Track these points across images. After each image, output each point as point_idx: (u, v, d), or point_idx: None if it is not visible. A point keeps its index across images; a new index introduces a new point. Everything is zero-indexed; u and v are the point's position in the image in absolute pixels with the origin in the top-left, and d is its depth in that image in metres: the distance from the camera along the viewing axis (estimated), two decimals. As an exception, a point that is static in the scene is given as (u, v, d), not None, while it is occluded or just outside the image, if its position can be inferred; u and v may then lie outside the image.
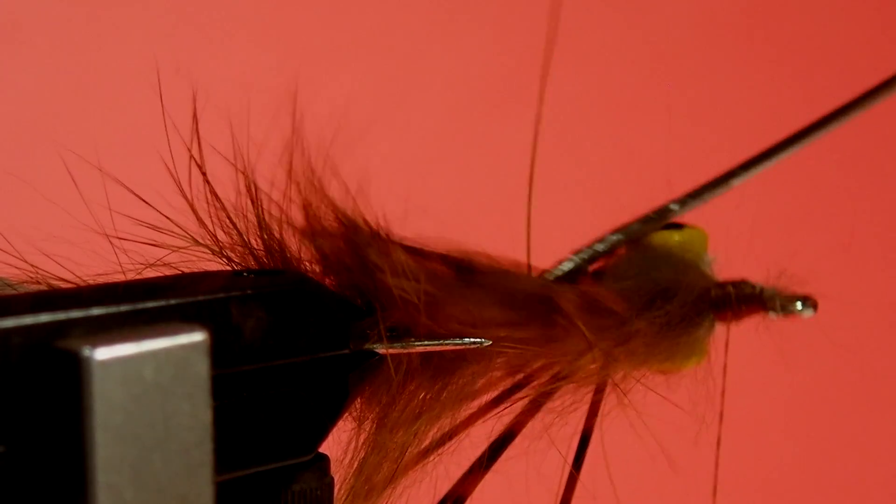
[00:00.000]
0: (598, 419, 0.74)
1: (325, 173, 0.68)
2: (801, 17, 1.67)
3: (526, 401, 0.74)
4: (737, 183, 0.77)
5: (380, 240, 0.67)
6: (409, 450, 0.70)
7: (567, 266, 0.76)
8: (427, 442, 0.72)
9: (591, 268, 0.77)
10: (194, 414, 0.55)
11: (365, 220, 0.68)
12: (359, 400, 0.68)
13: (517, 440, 0.74)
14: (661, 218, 0.77)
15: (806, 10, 1.67)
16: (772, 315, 0.78)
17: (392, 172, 0.73)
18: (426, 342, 0.67)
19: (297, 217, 0.67)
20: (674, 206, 0.77)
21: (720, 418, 0.76)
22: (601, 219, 0.79)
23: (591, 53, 1.58)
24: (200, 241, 0.68)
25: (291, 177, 0.68)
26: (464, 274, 0.70)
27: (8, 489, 0.53)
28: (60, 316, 0.55)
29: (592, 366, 0.72)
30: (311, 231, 0.67)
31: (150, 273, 0.65)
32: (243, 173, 0.67)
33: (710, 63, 1.65)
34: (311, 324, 0.63)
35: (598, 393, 0.74)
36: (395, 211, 0.69)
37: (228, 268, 0.68)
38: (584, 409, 0.75)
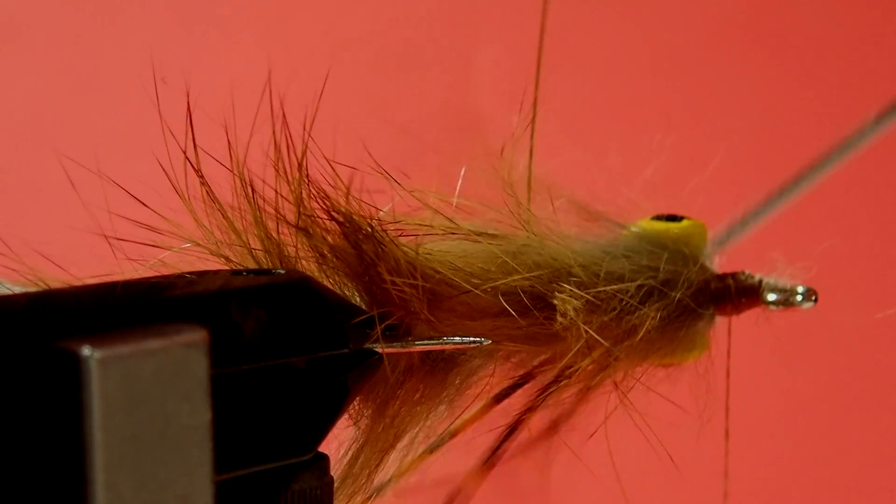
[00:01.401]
0: (604, 417, 0.74)
1: (321, 171, 0.68)
2: (801, 16, 1.66)
3: (527, 398, 0.74)
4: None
5: (377, 237, 0.67)
6: (410, 448, 0.70)
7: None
8: (428, 440, 0.72)
9: None
10: (194, 413, 0.55)
11: (362, 218, 0.67)
12: (358, 399, 0.68)
13: (518, 439, 0.74)
14: None
15: (806, 9, 1.67)
16: (772, 307, 0.78)
17: (390, 170, 0.73)
18: (426, 341, 0.67)
19: (294, 216, 0.67)
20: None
21: (726, 410, 0.76)
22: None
23: (591, 53, 1.58)
24: (198, 240, 0.68)
25: (287, 176, 0.68)
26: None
27: (8, 489, 0.53)
28: (60, 316, 0.55)
29: (593, 363, 0.72)
30: (309, 230, 0.67)
31: (149, 273, 0.65)
32: (239, 173, 0.67)
33: (710, 62, 1.65)
34: (310, 323, 0.63)
35: (597, 389, 0.74)
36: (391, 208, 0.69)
37: (227, 267, 0.68)
38: (585, 407, 0.75)
